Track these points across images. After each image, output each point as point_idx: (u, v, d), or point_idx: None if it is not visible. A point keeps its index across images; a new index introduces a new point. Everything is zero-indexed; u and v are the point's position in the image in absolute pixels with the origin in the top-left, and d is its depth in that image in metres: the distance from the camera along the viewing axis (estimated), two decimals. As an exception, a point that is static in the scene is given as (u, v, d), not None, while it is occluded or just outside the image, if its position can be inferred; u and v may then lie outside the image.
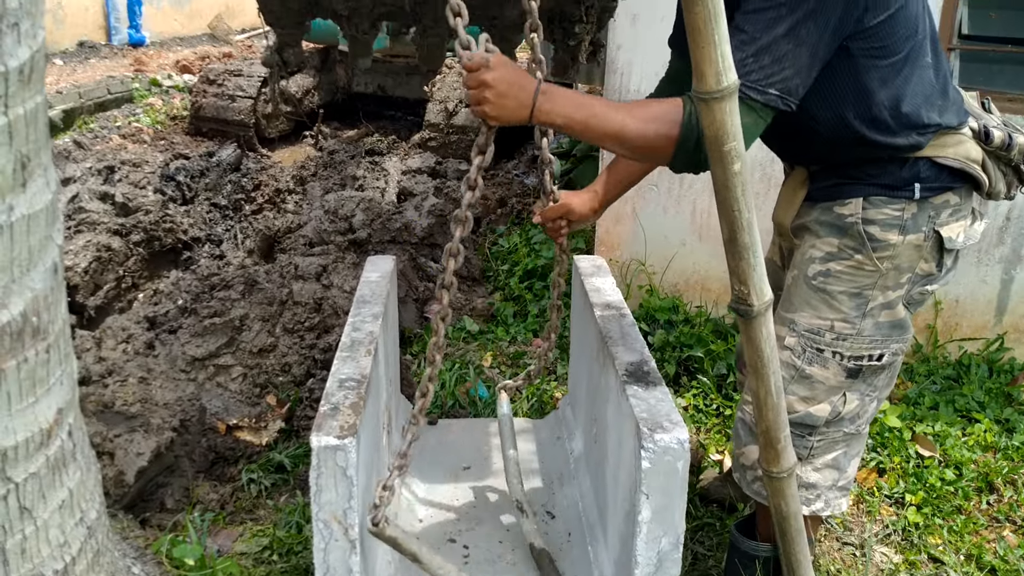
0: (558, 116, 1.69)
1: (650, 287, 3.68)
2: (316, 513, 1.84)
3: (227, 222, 5.55)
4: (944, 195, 1.84)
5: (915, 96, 1.77)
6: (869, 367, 1.92)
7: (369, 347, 2.25)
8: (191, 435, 2.64)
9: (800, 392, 1.94)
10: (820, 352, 1.91)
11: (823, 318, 1.90)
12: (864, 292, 1.88)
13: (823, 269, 1.89)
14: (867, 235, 1.84)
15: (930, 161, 1.81)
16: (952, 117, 1.82)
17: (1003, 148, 1.85)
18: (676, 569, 1.91)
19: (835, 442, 1.99)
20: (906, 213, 1.83)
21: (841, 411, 1.94)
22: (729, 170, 1.52)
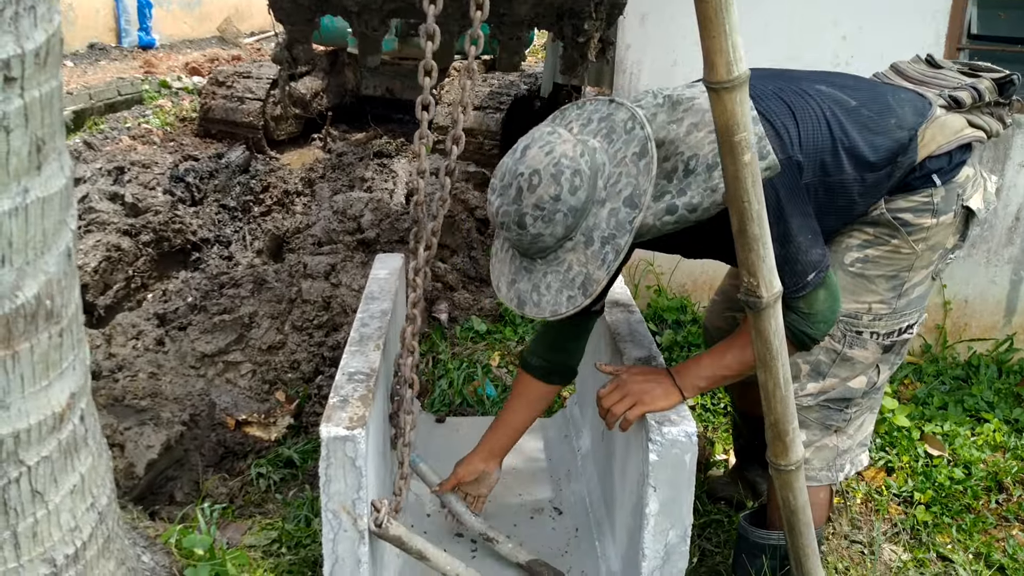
0: (704, 381, 1.92)
1: (658, 287, 3.69)
2: (325, 503, 1.85)
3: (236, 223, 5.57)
4: (963, 171, 1.89)
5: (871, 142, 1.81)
6: (900, 340, 1.98)
7: (378, 342, 2.26)
8: (200, 429, 2.65)
9: (842, 374, 1.98)
10: (859, 335, 1.95)
11: (861, 302, 1.94)
12: (900, 274, 1.92)
13: (861, 256, 1.92)
14: (900, 221, 1.88)
15: (932, 157, 1.83)
16: (913, 116, 1.85)
17: (976, 102, 1.91)
18: (683, 562, 1.91)
19: (866, 408, 2.06)
20: (936, 197, 1.87)
21: (876, 381, 2.01)
22: (739, 161, 1.52)
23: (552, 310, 1.67)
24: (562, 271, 1.67)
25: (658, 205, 1.67)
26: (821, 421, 2.01)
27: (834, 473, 2.07)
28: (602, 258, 1.63)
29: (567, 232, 1.63)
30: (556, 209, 1.60)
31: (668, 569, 1.92)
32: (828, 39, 3.30)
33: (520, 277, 1.73)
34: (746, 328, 1.87)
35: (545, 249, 1.66)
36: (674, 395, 1.91)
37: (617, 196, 1.62)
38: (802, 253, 1.73)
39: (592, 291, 1.64)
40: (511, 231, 1.66)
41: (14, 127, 1.11)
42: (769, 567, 2.09)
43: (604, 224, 1.62)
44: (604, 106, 1.73)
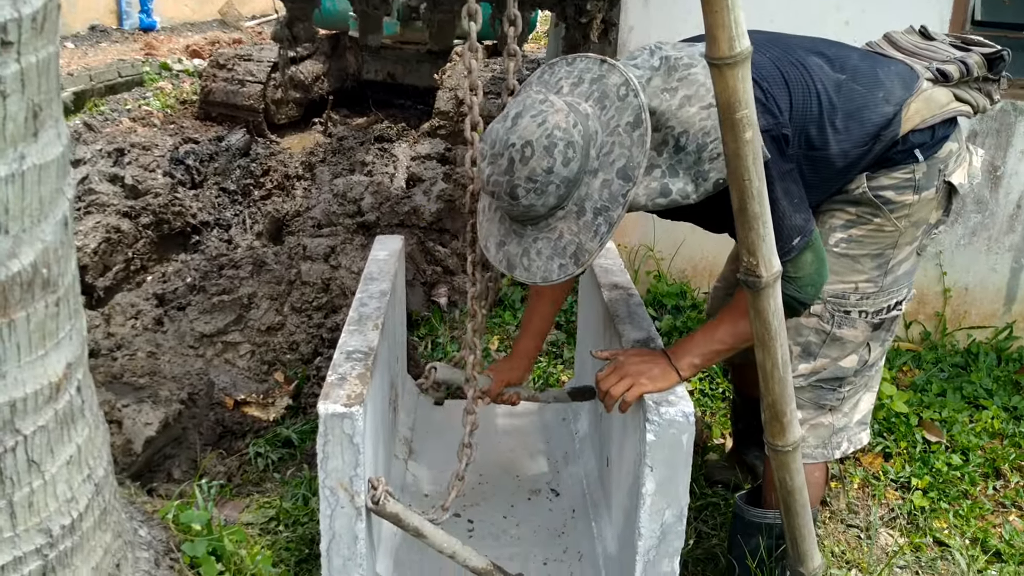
0: (698, 359, 1.92)
1: (658, 273, 3.68)
2: (323, 480, 1.85)
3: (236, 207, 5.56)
4: (946, 147, 1.89)
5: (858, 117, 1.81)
6: (890, 317, 1.99)
7: (376, 322, 2.25)
8: (199, 408, 2.65)
9: (832, 354, 1.99)
10: (847, 314, 1.95)
11: (847, 282, 1.94)
12: (885, 252, 1.92)
13: (845, 236, 1.93)
14: (881, 199, 1.88)
15: (916, 131, 1.83)
16: (901, 90, 1.85)
17: (964, 76, 1.90)
18: (679, 541, 1.91)
19: (860, 386, 2.06)
20: (917, 173, 1.87)
21: (868, 359, 2.01)
22: (741, 138, 1.52)
23: (543, 276, 1.68)
24: (553, 238, 1.66)
25: (650, 182, 1.67)
26: (814, 401, 2.02)
27: (830, 451, 2.07)
28: (594, 229, 1.62)
29: (559, 202, 1.63)
30: (549, 181, 1.59)
31: (664, 548, 1.92)
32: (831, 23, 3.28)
33: (509, 240, 1.72)
34: (737, 302, 1.87)
35: (536, 218, 1.65)
36: (671, 375, 1.91)
37: (610, 167, 1.61)
38: (786, 218, 1.73)
39: (584, 261, 1.64)
40: (502, 200, 1.64)
41: (11, 92, 1.10)
42: (765, 546, 2.09)
43: (596, 195, 1.61)
44: (596, 66, 1.70)
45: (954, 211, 1.99)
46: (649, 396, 1.90)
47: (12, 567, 1.36)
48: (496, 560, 2.29)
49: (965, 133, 3.23)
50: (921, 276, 3.50)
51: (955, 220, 3.41)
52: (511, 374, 2.32)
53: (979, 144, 3.28)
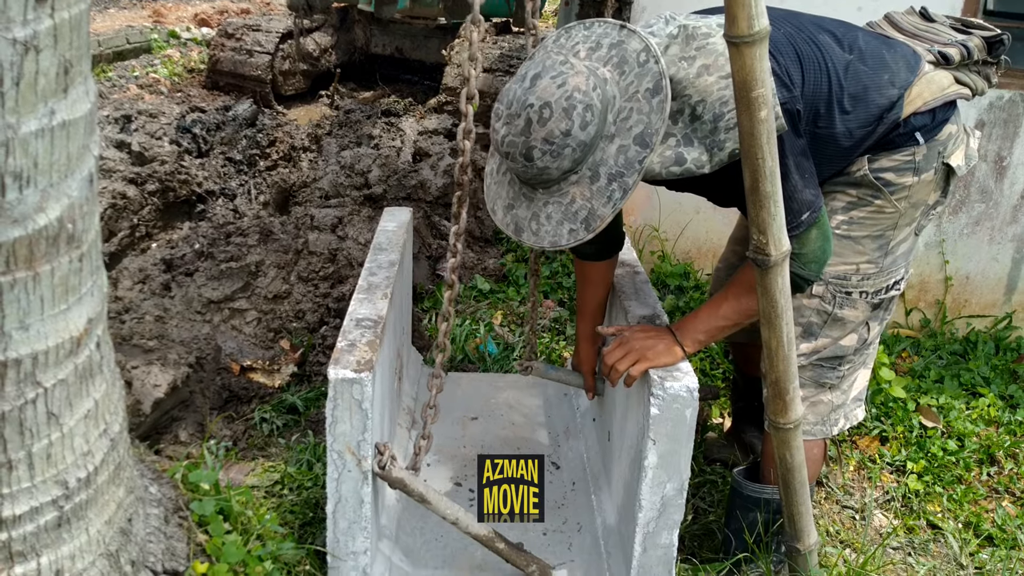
0: (703, 335, 1.94)
1: (662, 253, 3.70)
2: (331, 444, 1.88)
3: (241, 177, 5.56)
4: (945, 129, 1.91)
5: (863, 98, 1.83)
6: (888, 297, 2.02)
7: (386, 291, 2.28)
8: (206, 373, 2.68)
9: (833, 334, 2.01)
10: (848, 295, 1.98)
11: (849, 263, 1.97)
12: (886, 233, 1.95)
13: (846, 218, 1.95)
14: (882, 181, 1.90)
15: (917, 113, 1.85)
16: (906, 73, 1.87)
17: (965, 59, 1.93)
18: (679, 514, 1.95)
19: (859, 364, 2.09)
20: (917, 156, 1.90)
21: (867, 338, 2.04)
22: (755, 117, 1.54)
23: (552, 241, 1.67)
24: (564, 203, 1.65)
25: (664, 150, 1.67)
26: (815, 379, 2.05)
27: (828, 427, 2.11)
28: (608, 195, 1.62)
29: (574, 166, 1.62)
30: (566, 144, 1.59)
31: (664, 520, 1.95)
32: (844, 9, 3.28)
33: (518, 203, 1.72)
34: (741, 278, 1.90)
35: (548, 181, 1.64)
36: (676, 351, 1.94)
37: (627, 132, 1.61)
38: (798, 192, 1.74)
39: (595, 227, 1.63)
40: (516, 162, 1.63)
41: (43, 47, 1.12)
42: (762, 521, 2.13)
43: (612, 160, 1.61)
44: (614, 31, 1.69)
45: (951, 192, 2.01)
46: (654, 371, 1.93)
47: (29, 517, 1.39)
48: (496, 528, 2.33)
49: (972, 120, 3.26)
50: (923, 264, 3.52)
51: (959, 208, 3.43)
52: (587, 361, 2.35)
53: (986, 134, 3.30)
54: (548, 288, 3.76)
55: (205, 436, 2.44)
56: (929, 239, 3.48)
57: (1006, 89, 3.23)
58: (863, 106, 1.84)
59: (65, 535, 1.45)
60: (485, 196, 1.84)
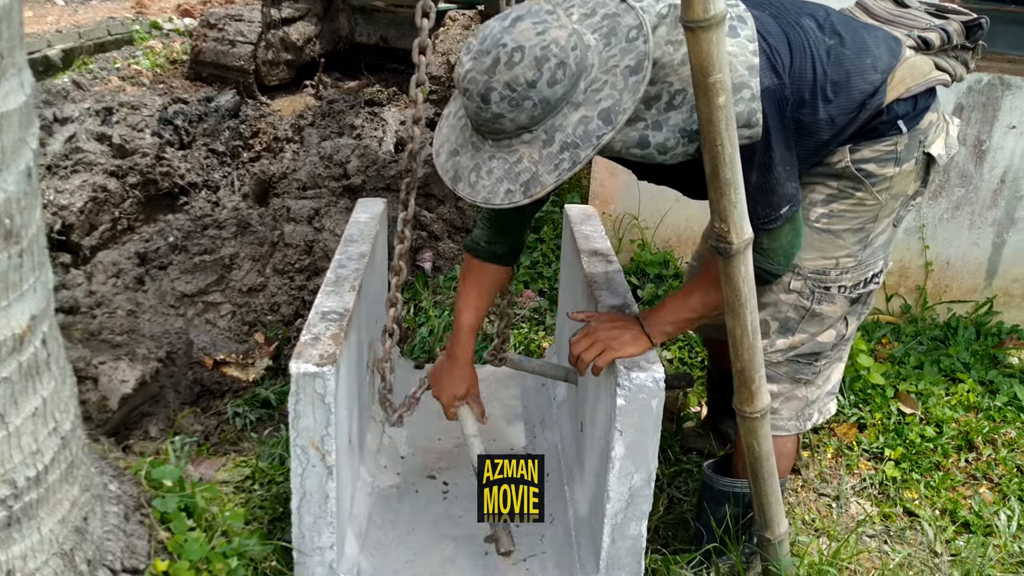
0: (670, 326, 1.92)
1: (642, 241, 3.68)
2: (294, 439, 1.86)
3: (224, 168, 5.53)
4: (927, 117, 1.87)
5: (847, 83, 1.78)
6: (867, 291, 1.98)
7: (354, 283, 2.25)
8: (177, 367, 2.66)
9: (811, 330, 1.98)
10: (827, 290, 1.95)
11: (829, 257, 1.93)
12: (866, 226, 1.91)
13: (826, 211, 1.91)
14: (864, 172, 1.86)
15: (900, 100, 1.82)
16: (888, 57, 1.82)
17: (945, 44, 1.89)
18: (647, 505, 1.93)
19: (835, 359, 2.06)
20: (899, 146, 1.85)
21: (845, 333, 2.01)
22: (714, 103, 1.51)
23: (485, 197, 1.58)
24: (510, 161, 1.57)
25: (629, 131, 1.59)
26: (791, 375, 2.02)
27: (802, 423, 2.08)
28: (556, 163, 1.54)
29: (530, 123, 1.54)
30: (527, 96, 1.50)
31: (632, 511, 1.94)
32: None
33: (464, 151, 1.63)
34: (710, 269, 1.87)
35: (500, 132, 1.56)
36: (643, 341, 1.92)
37: (594, 104, 1.53)
38: (780, 184, 1.70)
39: (534, 193, 1.55)
40: (473, 101, 1.54)
41: (-32, 39, 1.09)
42: (732, 514, 2.12)
43: (571, 129, 1.53)
44: (613, 2, 1.60)
45: (931, 182, 1.97)
46: (620, 361, 1.91)
47: (-23, 517, 1.37)
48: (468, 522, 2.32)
49: (950, 104, 3.24)
50: (903, 249, 3.51)
51: (939, 193, 3.42)
52: (459, 386, 2.19)
53: (965, 118, 3.28)
54: (528, 278, 3.74)
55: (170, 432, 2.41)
56: (909, 224, 3.47)
57: (984, 72, 3.21)
58: (845, 92, 1.79)
59: (16, 535, 1.43)
60: (435, 137, 1.75)
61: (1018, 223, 3.40)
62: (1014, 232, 3.41)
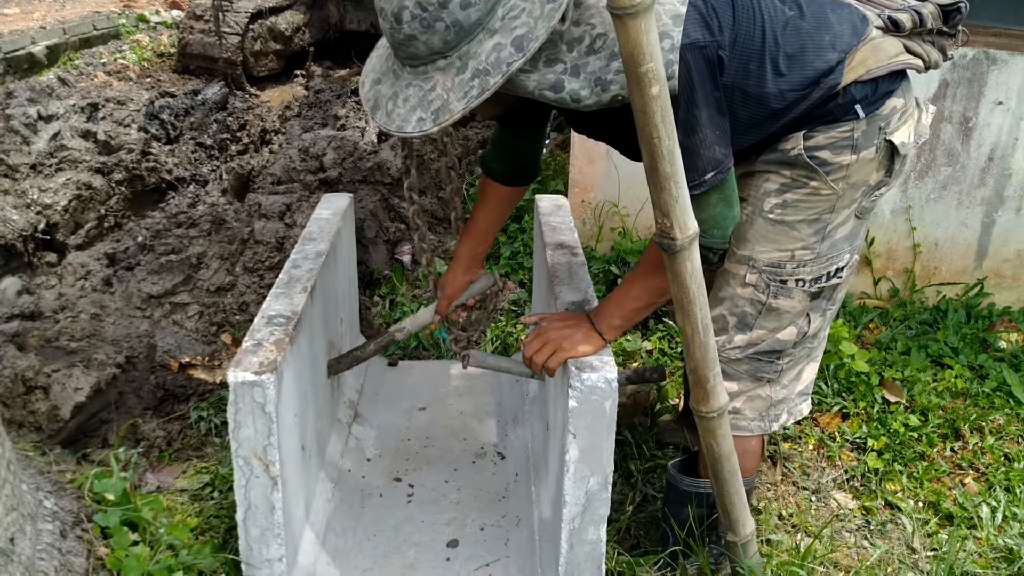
0: (618, 319, 1.86)
1: (623, 229, 3.60)
2: (235, 449, 1.81)
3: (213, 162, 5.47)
4: (889, 102, 1.76)
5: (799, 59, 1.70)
6: (829, 285, 1.89)
7: (306, 284, 2.19)
8: (138, 372, 2.61)
9: (769, 325, 1.89)
10: (784, 283, 1.86)
11: (783, 249, 1.84)
12: (822, 217, 1.82)
13: (779, 201, 1.82)
14: (817, 160, 1.76)
15: (858, 82, 1.72)
16: (850, 36, 1.73)
17: (917, 28, 1.78)
18: (604, 509, 1.87)
19: (801, 358, 1.97)
20: (856, 132, 1.75)
21: (807, 331, 1.91)
22: (647, 94, 1.43)
23: (399, 126, 1.55)
24: (425, 88, 1.53)
25: (545, 73, 1.55)
26: (751, 373, 1.94)
27: (767, 423, 2.00)
28: (466, 90, 1.50)
29: (444, 48, 1.50)
30: (438, 17, 1.46)
31: (589, 516, 1.88)
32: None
33: (386, 79, 1.60)
34: (646, 256, 1.80)
35: (415, 57, 1.52)
36: (594, 339, 1.85)
37: (509, 32, 1.48)
38: (705, 148, 1.62)
39: (442, 121, 1.51)
40: (387, 21, 1.51)
41: None
42: (696, 515, 2.05)
43: (484, 56, 1.49)
44: None
45: (898, 172, 1.85)
46: (572, 362, 1.84)
47: None
48: (432, 526, 2.26)
49: (934, 81, 3.14)
50: (890, 231, 3.41)
51: (925, 173, 3.32)
52: (453, 285, 2.31)
53: (950, 95, 3.17)
54: (508, 269, 3.67)
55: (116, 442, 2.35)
56: (895, 205, 3.37)
57: (970, 47, 3.10)
58: (798, 67, 1.70)
59: (-71, 562, 1.39)
60: (363, 68, 1.73)
61: (1008, 202, 3.30)
62: (1003, 211, 3.31)
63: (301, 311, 2.06)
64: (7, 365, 2.23)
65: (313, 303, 2.20)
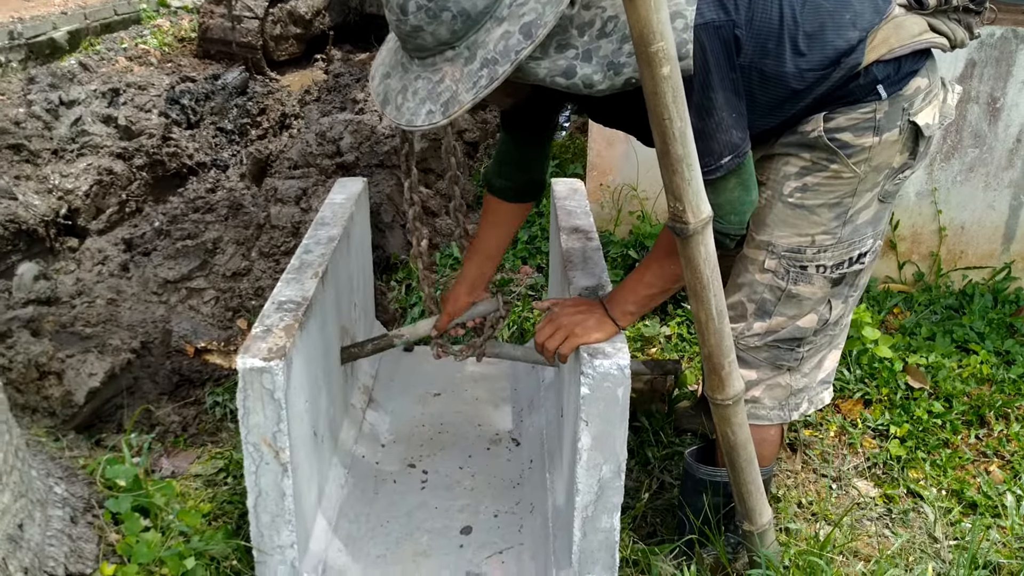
0: (632, 305, 1.82)
1: (642, 213, 3.56)
2: (245, 436, 1.80)
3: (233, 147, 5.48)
4: (913, 83, 1.70)
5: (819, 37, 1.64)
6: (851, 271, 1.83)
7: (317, 270, 2.18)
8: (154, 357, 2.61)
9: (788, 312, 1.85)
10: (804, 269, 1.81)
11: (803, 234, 1.79)
12: (844, 201, 1.77)
13: (799, 185, 1.77)
14: (838, 143, 1.71)
15: (880, 62, 1.66)
16: (871, 14, 1.67)
17: (941, 5, 1.72)
18: (618, 497, 1.84)
19: (822, 345, 1.92)
20: (878, 113, 1.70)
21: (828, 318, 1.87)
22: (657, 74, 1.39)
23: (408, 119, 1.53)
24: (434, 80, 1.51)
25: (556, 59, 1.51)
26: (771, 361, 1.89)
27: (787, 412, 1.95)
28: (475, 80, 1.47)
29: (452, 38, 1.47)
30: (444, 7, 1.43)
31: (602, 504, 1.85)
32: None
33: (395, 73, 1.58)
34: (660, 241, 1.76)
35: (423, 49, 1.50)
36: (607, 326, 1.82)
37: (517, 19, 1.45)
38: (722, 131, 1.58)
39: (452, 112, 1.48)
40: (393, 13, 1.48)
41: None
42: (713, 504, 2.02)
43: (492, 45, 1.46)
44: None
45: (922, 154, 1.79)
46: (585, 348, 1.81)
47: None
48: (446, 512, 2.25)
49: (961, 61, 3.06)
50: (915, 214, 3.34)
51: (951, 154, 3.24)
52: (455, 303, 2.25)
53: (977, 74, 3.09)
54: (526, 253, 3.64)
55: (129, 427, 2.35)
56: (920, 188, 3.30)
57: (998, 25, 3.01)
58: (818, 46, 1.65)
59: (-64, 548, 1.39)
60: (373, 62, 1.70)
61: (1037, 184, 3.22)
62: (1033, 193, 3.23)
63: (312, 296, 2.04)
64: (20, 351, 2.23)
65: (325, 288, 2.18)
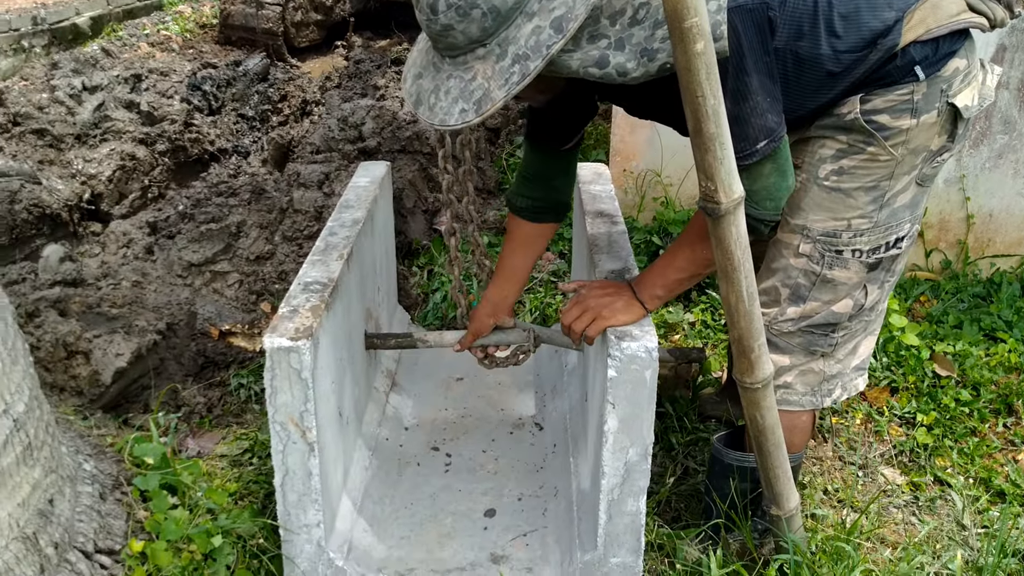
0: (660, 289, 1.81)
1: (665, 199, 3.54)
2: (272, 415, 1.80)
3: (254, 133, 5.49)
4: (951, 63, 1.67)
5: (855, 19, 1.61)
6: (888, 256, 1.80)
7: (342, 252, 2.17)
8: (179, 339, 2.62)
9: (823, 297, 1.83)
10: (839, 254, 1.78)
11: (839, 218, 1.76)
12: (880, 184, 1.74)
13: (835, 168, 1.75)
14: (875, 125, 1.68)
15: (918, 43, 1.63)
16: None
17: None
18: (644, 480, 1.83)
19: (857, 331, 1.90)
20: (916, 95, 1.66)
21: (863, 303, 1.84)
22: (691, 50, 1.38)
23: (441, 119, 1.52)
24: (466, 79, 1.50)
25: (589, 50, 1.50)
26: (804, 347, 1.87)
27: (819, 398, 1.93)
28: (507, 77, 1.46)
29: (483, 36, 1.46)
30: (475, 4, 1.42)
31: (629, 487, 1.84)
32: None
33: (427, 73, 1.57)
34: (692, 225, 1.74)
35: (454, 48, 1.49)
36: (635, 308, 1.80)
37: (547, 13, 1.44)
38: (757, 115, 1.56)
39: (485, 110, 1.47)
40: (423, 12, 1.48)
41: None
42: (740, 489, 2.00)
43: (523, 40, 1.45)
44: None
45: (960, 137, 1.75)
46: (612, 330, 1.80)
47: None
48: (469, 495, 2.25)
49: (992, 45, 3.02)
50: (943, 201, 3.30)
51: (980, 141, 3.20)
52: (479, 323, 2.24)
53: (1008, 59, 3.04)
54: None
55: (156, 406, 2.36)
56: (949, 175, 3.26)
57: (1031, 9, 2.96)
58: (854, 28, 1.62)
59: (-30, 521, 1.40)
60: (405, 63, 1.69)
61: (1068, 171, 3.17)
62: (1063, 180, 3.19)
63: (337, 278, 2.04)
64: (48, 330, 2.25)
65: (350, 270, 2.18)
